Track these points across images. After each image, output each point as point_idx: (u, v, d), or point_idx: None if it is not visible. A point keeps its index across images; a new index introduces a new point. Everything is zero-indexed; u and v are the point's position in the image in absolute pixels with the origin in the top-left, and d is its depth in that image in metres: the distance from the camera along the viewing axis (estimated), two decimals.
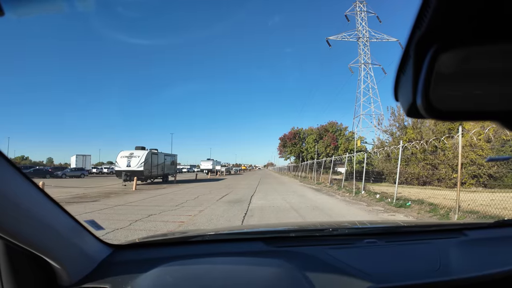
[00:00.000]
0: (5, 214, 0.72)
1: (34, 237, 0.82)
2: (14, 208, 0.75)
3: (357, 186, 14.35)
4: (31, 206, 0.81)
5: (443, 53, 0.39)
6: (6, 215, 0.73)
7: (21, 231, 0.78)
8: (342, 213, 8.35)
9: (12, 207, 0.74)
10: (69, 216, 0.99)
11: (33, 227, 0.81)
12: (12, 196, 0.74)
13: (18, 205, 0.76)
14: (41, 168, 37.98)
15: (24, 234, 0.79)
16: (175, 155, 28.69)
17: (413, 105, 0.42)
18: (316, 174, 25.79)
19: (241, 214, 7.72)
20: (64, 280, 0.96)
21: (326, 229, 1.50)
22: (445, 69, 0.40)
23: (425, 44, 0.39)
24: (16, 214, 0.76)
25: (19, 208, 0.76)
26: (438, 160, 15.63)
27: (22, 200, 0.77)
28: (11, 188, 0.74)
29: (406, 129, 21.38)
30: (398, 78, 0.45)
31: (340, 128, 45.93)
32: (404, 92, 0.44)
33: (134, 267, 1.09)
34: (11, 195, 0.73)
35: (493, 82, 0.40)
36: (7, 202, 0.72)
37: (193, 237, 1.40)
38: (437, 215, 7.74)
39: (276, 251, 1.22)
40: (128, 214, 7.83)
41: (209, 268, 1.03)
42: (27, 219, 0.79)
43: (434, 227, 1.61)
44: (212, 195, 13.22)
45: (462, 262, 1.21)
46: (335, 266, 1.07)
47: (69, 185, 20.09)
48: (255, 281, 0.95)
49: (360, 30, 49.43)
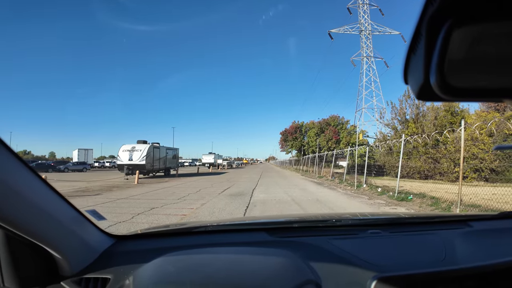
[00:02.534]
0: (6, 203, 0.72)
1: (35, 227, 0.82)
2: (15, 197, 0.74)
3: (359, 180, 14.36)
4: (32, 195, 0.80)
5: (456, 29, 0.38)
6: (7, 204, 0.72)
7: (22, 221, 0.78)
8: (343, 206, 8.36)
9: (13, 196, 0.73)
10: (71, 206, 0.98)
11: (34, 216, 0.81)
12: (13, 184, 0.73)
13: (19, 194, 0.75)
14: (43, 162, 38.09)
15: (25, 224, 0.79)
16: (176, 149, 28.71)
17: (425, 86, 0.41)
18: (318, 168, 25.79)
19: (243, 207, 7.75)
20: (66, 270, 0.96)
21: (329, 220, 1.49)
22: (459, 45, 0.38)
23: (438, 21, 0.38)
24: (17, 203, 0.75)
25: (20, 197, 0.75)
26: (440, 154, 15.59)
27: (23, 189, 0.76)
28: (12, 176, 0.73)
29: (408, 123, 21.27)
30: (408, 59, 0.44)
31: (342, 121, 45.74)
32: (415, 73, 0.42)
33: (136, 257, 1.08)
34: (12, 184, 0.73)
35: (509, 58, 0.39)
36: (8, 190, 0.71)
37: (196, 227, 1.39)
38: (439, 208, 7.75)
39: (280, 241, 1.22)
40: (131, 207, 7.87)
41: (212, 258, 1.03)
42: (28, 209, 0.79)
43: (438, 219, 1.61)
44: (214, 188, 13.26)
45: (467, 252, 1.20)
46: (339, 256, 1.07)
47: (71, 179, 20.17)
48: (260, 270, 0.94)
49: (363, 23, 48.84)
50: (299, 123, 52.84)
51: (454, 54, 0.39)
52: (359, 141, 22.60)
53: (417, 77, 0.42)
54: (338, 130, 44.04)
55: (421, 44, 0.40)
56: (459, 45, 0.38)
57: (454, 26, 0.37)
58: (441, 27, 0.38)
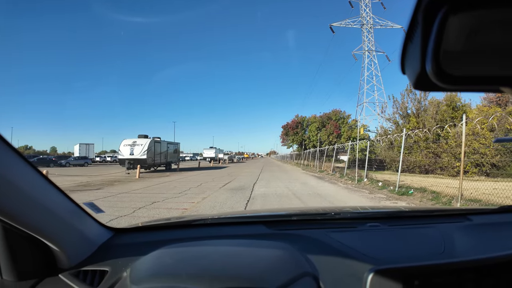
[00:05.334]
0: (3, 196, 0.72)
1: (32, 220, 0.82)
2: (13, 190, 0.74)
3: (360, 174, 14.37)
4: (30, 189, 0.80)
5: (452, 16, 0.37)
6: (4, 197, 0.72)
7: (20, 214, 0.78)
8: (344, 200, 8.39)
9: (11, 189, 0.73)
10: (69, 199, 0.98)
11: (31, 209, 0.81)
12: (10, 178, 0.73)
13: (16, 187, 0.75)
14: (45, 157, 38.21)
15: (22, 217, 0.79)
16: (177, 143, 28.75)
17: (421, 75, 0.40)
18: (319, 162, 25.80)
19: (244, 201, 7.78)
20: (64, 263, 0.96)
21: (328, 213, 1.49)
22: (455, 33, 0.38)
23: (434, 7, 0.37)
24: (15, 196, 0.75)
25: (17, 190, 0.75)
26: (441, 149, 15.56)
27: (20, 183, 0.76)
28: (9, 170, 0.73)
29: (409, 117, 21.21)
30: (405, 47, 0.43)
31: (343, 116, 45.53)
32: (412, 61, 0.42)
33: (134, 249, 1.09)
34: (9, 177, 0.73)
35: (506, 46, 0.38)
36: (6, 183, 0.71)
37: (195, 220, 1.40)
38: (440, 202, 7.76)
39: (278, 234, 1.22)
40: (132, 201, 7.91)
41: (210, 250, 1.03)
42: (26, 202, 0.79)
43: (437, 212, 1.60)
44: (215, 182, 13.29)
45: (466, 246, 1.20)
46: (337, 249, 1.07)
47: (73, 174, 20.27)
48: (257, 263, 0.94)
49: (364, 17, 48.32)
50: (301, 117, 52.69)
51: (450, 41, 0.38)
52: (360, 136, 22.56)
53: (414, 66, 0.41)
54: (339, 125, 43.89)
55: (418, 32, 0.39)
56: (455, 33, 0.38)
57: (449, 13, 0.37)
58: (437, 14, 0.37)
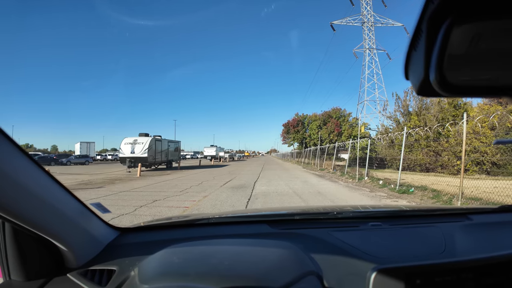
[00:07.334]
0: (12, 196, 0.72)
1: (41, 220, 0.83)
2: (21, 190, 0.75)
3: (360, 172, 14.37)
4: (38, 189, 0.81)
5: (457, 27, 0.38)
6: (13, 197, 0.73)
7: (28, 214, 0.79)
8: (345, 199, 8.40)
9: (19, 190, 0.74)
10: (76, 199, 0.99)
11: (40, 210, 0.82)
12: (18, 178, 0.74)
13: (24, 188, 0.75)
14: (46, 156, 38.31)
15: (31, 217, 0.80)
16: (178, 141, 28.76)
17: (425, 82, 0.41)
18: (319, 160, 25.79)
19: (245, 200, 7.80)
20: (72, 263, 0.98)
21: (330, 213, 1.51)
22: (459, 43, 0.39)
23: (439, 18, 0.38)
24: (23, 197, 0.76)
25: (26, 190, 0.76)
26: (442, 147, 15.54)
27: (28, 183, 0.77)
28: (17, 170, 0.74)
29: (410, 116, 21.14)
30: (409, 55, 0.44)
31: (344, 114, 45.38)
32: (416, 69, 0.43)
33: (141, 249, 1.10)
34: (17, 177, 0.73)
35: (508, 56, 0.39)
36: (14, 184, 0.72)
37: (198, 220, 1.41)
38: (440, 201, 7.76)
39: (281, 233, 1.23)
40: (133, 200, 7.93)
41: (216, 249, 1.04)
42: (34, 202, 0.80)
43: (438, 211, 1.62)
44: (216, 181, 13.31)
45: (467, 245, 1.21)
46: (340, 248, 1.08)
47: (74, 172, 20.31)
48: (262, 262, 0.96)
49: (365, 15, 48.10)
50: (302, 116, 52.64)
51: (454, 51, 0.39)
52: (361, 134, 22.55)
53: (417, 73, 0.42)
54: (340, 123, 43.78)
55: (422, 41, 0.40)
56: (459, 43, 0.39)
57: (454, 24, 0.38)
58: (442, 25, 0.38)
